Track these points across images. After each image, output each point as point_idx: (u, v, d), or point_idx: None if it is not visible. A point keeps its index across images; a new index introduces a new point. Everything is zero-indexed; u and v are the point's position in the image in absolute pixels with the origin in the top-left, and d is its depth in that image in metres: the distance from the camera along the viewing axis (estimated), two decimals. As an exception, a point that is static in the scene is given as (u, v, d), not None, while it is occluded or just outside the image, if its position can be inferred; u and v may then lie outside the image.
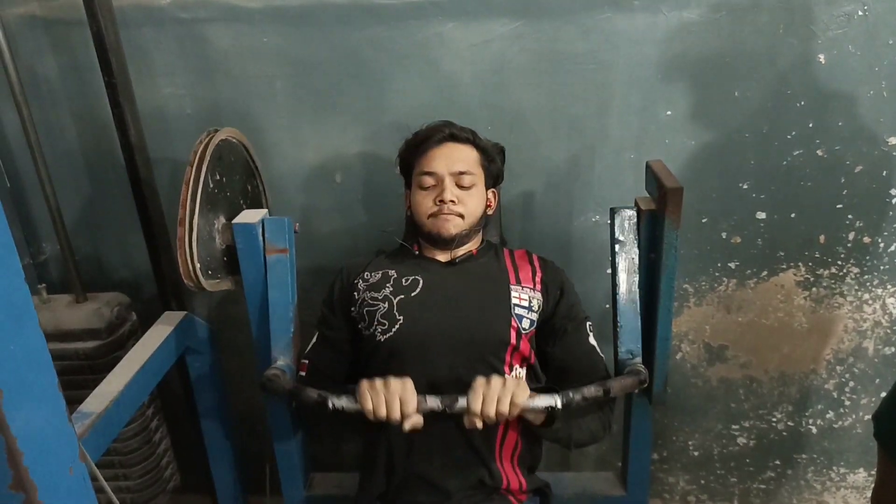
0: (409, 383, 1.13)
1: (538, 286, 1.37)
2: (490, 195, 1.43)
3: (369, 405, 1.12)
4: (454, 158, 1.35)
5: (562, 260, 1.69)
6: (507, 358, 1.28)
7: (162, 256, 1.64)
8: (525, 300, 1.33)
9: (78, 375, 1.57)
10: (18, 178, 1.74)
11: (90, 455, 1.10)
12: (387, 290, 1.33)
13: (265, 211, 1.41)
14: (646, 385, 1.28)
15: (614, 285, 1.39)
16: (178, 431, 1.86)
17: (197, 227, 1.28)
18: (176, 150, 1.67)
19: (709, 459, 2.00)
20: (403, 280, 1.34)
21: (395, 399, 1.11)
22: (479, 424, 1.11)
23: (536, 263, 1.41)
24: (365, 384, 1.14)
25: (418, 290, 1.32)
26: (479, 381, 1.11)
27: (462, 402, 1.11)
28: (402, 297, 1.31)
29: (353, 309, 1.36)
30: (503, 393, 1.09)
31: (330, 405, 1.16)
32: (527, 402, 1.11)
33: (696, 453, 1.99)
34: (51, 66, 1.62)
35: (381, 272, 1.37)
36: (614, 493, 1.59)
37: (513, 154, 1.56)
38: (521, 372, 1.31)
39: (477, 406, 1.09)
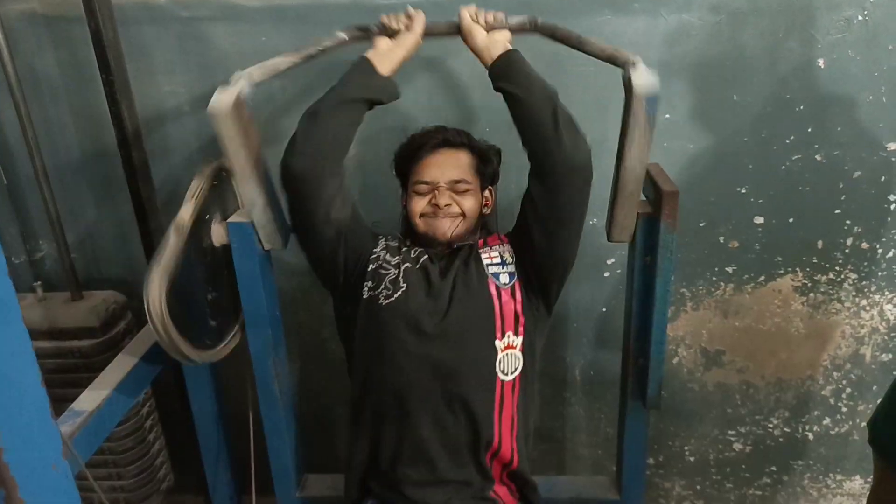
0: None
1: (505, 241, 1.39)
2: (487, 194, 1.43)
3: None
4: (449, 165, 1.34)
5: (559, 263, 1.69)
6: (498, 323, 1.29)
7: (158, 255, 1.64)
8: (495, 257, 1.35)
9: (72, 374, 1.56)
10: (16, 174, 1.73)
11: (81, 454, 1.09)
12: (398, 258, 1.34)
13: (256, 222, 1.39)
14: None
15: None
16: (173, 431, 1.85)
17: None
18: (173, 149, 1.67)
19: (705, 465, 1.99)
20: (412, 251, 1.36)
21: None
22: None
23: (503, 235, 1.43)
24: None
25: (421, 262, 1.34)
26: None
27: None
28: (409, 265, 1.33)
29: (369, 266, 1.34)
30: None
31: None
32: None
33: (691, 458, 1.98)
34: (50, 62, 1.61)
35: (396, 241, 1.40)
36: (609, 497, 1.58)
37: (511, 156, 1.55)
38: (516, 340, 1.30)
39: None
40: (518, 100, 1.22)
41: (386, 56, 1.27)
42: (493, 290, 1.30)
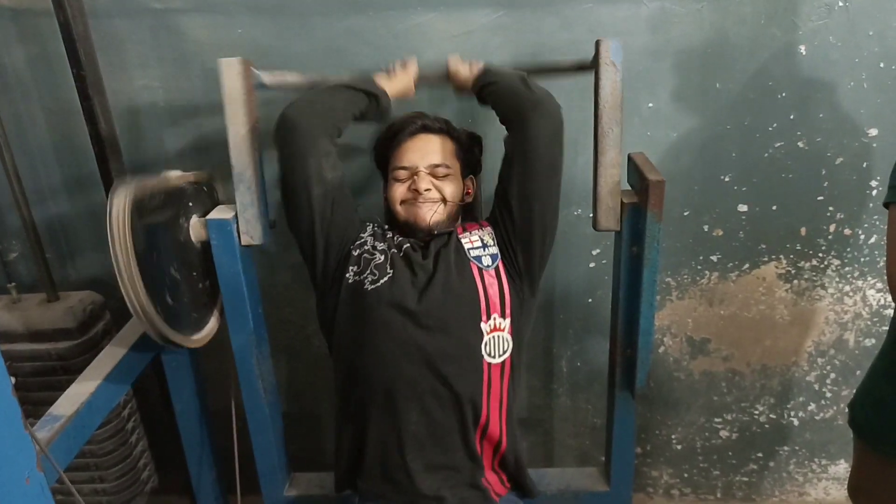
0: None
1: (486, 225, 1.36)
2: (468, 182, 1.41)
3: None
4: (428, 151, 1.33)
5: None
6: (482, 305, 1.27)
7: (136, 253, 1.60)
8: (475, 241, 1.33)
9: (50, 376, 1.53)
10: (-14, 173, 1.69)
11: (59, 460, 1.07)
12: (385, 244, 1.32)
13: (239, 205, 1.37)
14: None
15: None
16: (155, 432, 1.82)
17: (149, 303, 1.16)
18: (148, 144, 1.63)
19: (692, 453, 2.00)
20: (396, 238, 1.35)
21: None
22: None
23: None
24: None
25: (404, 250, 1.32)
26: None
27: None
28: (395, 251, 1.31)
29: (354, 250, 1.32)
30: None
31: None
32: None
33: (678, 447, 1.99)
34: (19, 57, 1.57)
35: (381, 229, 1.38)
36: (598, 488, 1.58)
37: (494, 146, 1.53)
38: (503, 323, 1.28)
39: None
40: (493, 84, 1.30)
41: (385, 82, 1.36)
42: (475, 272, 1.29)
